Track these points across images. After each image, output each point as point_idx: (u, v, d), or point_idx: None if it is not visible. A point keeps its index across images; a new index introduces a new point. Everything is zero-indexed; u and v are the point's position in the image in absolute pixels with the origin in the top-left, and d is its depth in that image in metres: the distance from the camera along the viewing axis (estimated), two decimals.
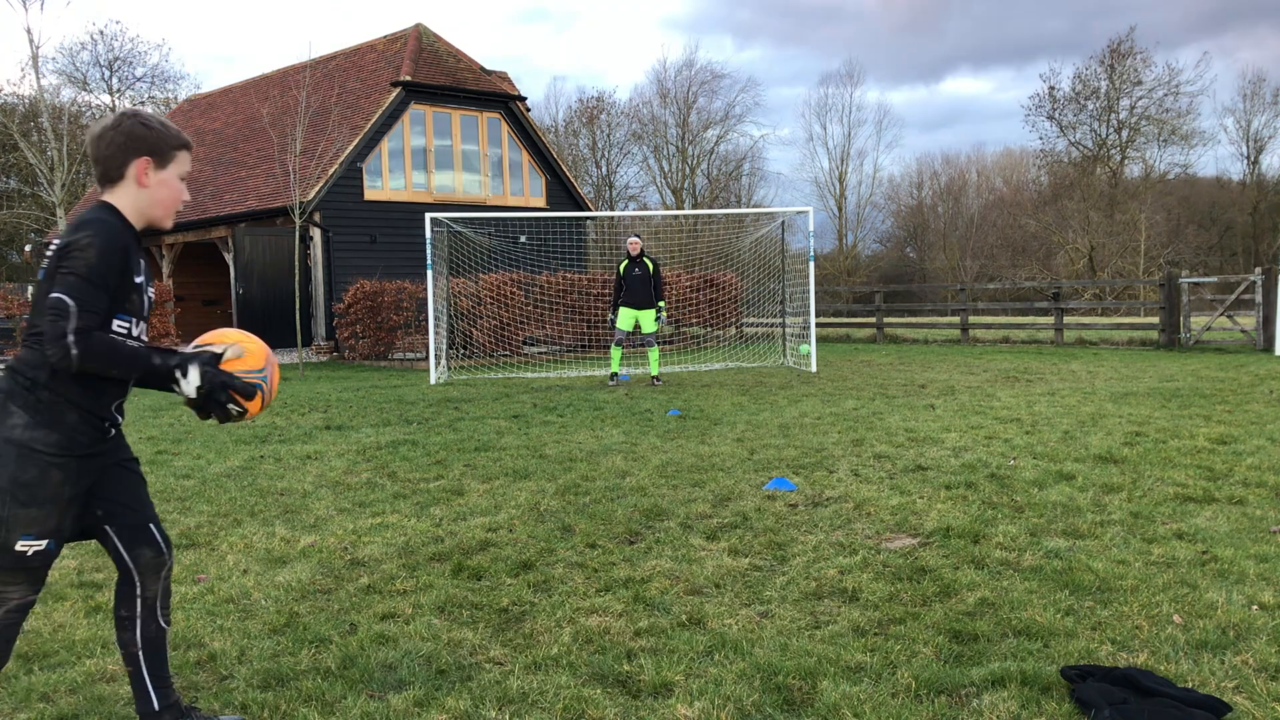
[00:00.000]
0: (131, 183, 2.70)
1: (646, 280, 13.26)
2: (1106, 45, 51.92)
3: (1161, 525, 5.13)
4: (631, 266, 13.27)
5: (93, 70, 44.18)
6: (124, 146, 2.68)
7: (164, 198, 2.75)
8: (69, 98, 42.37)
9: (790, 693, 3.20)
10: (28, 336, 2.60)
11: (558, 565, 4.68)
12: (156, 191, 2.73)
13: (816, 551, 4.81)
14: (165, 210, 2.77)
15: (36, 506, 2.59)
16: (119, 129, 2.68)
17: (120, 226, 2.65)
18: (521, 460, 7.46)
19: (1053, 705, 3.06)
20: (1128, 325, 22.19)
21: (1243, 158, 50.58)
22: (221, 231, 22.94)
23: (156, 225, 2.80)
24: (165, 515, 5.88)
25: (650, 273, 13.28)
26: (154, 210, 2.75)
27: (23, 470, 2.57)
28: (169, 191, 2.76)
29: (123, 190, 2.70)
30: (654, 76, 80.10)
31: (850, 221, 54.23)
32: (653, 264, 13.37)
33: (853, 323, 26.63)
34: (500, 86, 24.44)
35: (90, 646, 3.74)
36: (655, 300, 13.34)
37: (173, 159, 2.75)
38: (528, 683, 3.33)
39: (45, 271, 2.58)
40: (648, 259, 13.34)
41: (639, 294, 13.27)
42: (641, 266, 13.26)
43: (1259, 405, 9.75)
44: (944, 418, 9.28)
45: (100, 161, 2.69)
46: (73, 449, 2.63)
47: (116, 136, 2.68)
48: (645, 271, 13.26)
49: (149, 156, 2.70)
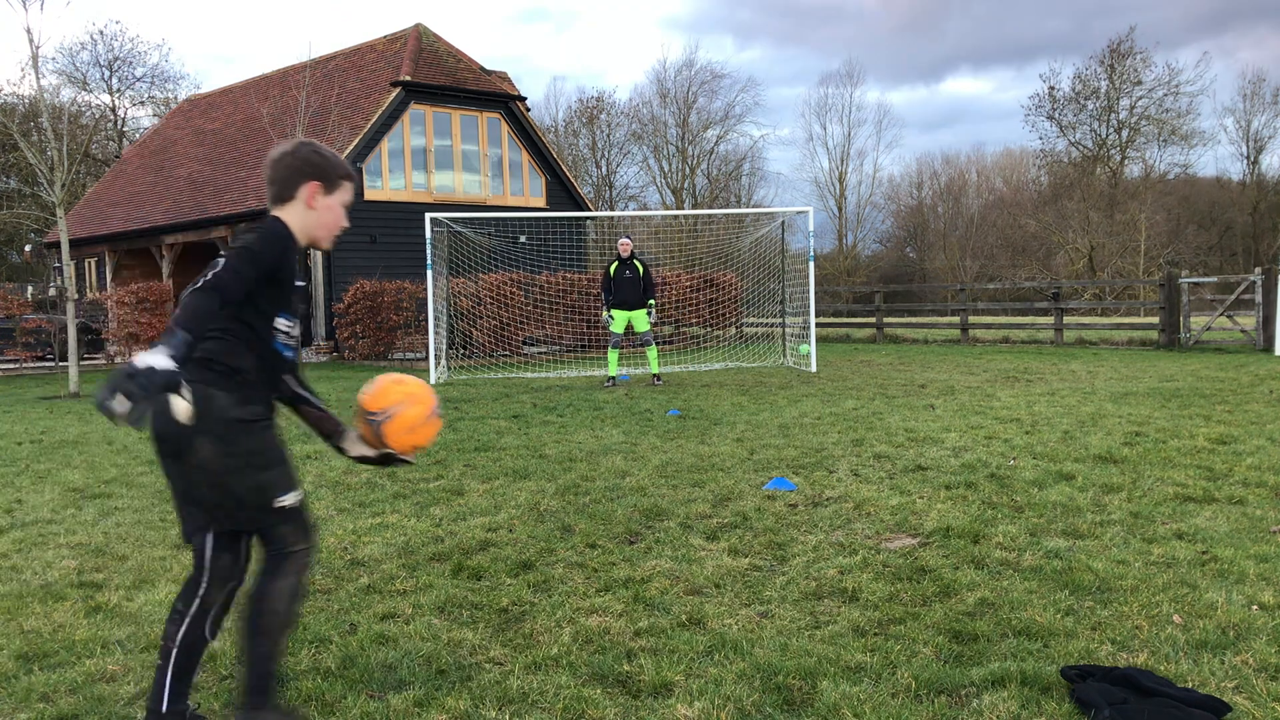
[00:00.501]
0: (301, 204, 2.92)
1: (636, 282, 13.31)
2: (1106, 45, 51.97)
3: (1161, 525, 5.13)
4: (622, 268, 13.31)
5: (93, 70, 44.23)
6: (299, 171, 2.91)
7: (328, 221, 2.97)
8: (69, 98, 42.39)
9: (790, 693, 3.20)
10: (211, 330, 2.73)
11: (558, 565, 4.68)
12: (322, 215, 2.95)
13: (816, 551, 4.81)
14: (327, 232, 2.99)
15: (276, 466, 2.88)
16: (296, 155, 2.93)
17: (285, 233, 2.86)
18: (521, 460, 7.46)
19: (1053, 705, 3.06)
20: (1128, 325, 22.19)
21: (1243, 158, 50.61)
22: (221, 231, 22.93)
23: (316, 245, 3.01)
24: (165, 515, 5.89)
25: (640, 274, 13.33)
26: (317, 231, 2.97)
27: (250, 440, 2.83)
28: (333, 216, 2.98)
29: (292, 209, 2.92)
30: (654, 76, 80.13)
31: (850, 221, 54.27)
32: (643, 265, 13.42)
33: (853, 323, 26.62)
34: (500, 86, 24.44)
35: (90, 646, 3.73)
36: (647, 299, 13.39)
37: (339, 187, 2.98)
38: (528, 683, 3.33)
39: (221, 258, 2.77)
40: (638, 261, 13.38)
41: (629, 295, 13.31)
42: (632, 268, 13.30)
43: (1259, 405, 9.75)
44: (944, 418, 9.28)
45: (275, 182, 2.92)
46: (269, 415, 2.94)
47: (293, 161, 2.92)
48: (636, 273, 13.30)
49: (319, 182, 2.93)
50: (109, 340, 19.30)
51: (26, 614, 4.14)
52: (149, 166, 29.41)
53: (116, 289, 20.78)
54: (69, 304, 13.81)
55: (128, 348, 19.12)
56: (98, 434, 9.43)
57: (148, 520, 5.79)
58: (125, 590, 4.43)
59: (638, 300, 13.33)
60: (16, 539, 5.40)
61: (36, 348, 18.31)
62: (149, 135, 33.17)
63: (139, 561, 4.89)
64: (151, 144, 31.54)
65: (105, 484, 6.91)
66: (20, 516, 5.96)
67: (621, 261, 13.32)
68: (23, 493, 6.67)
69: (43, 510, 6.11)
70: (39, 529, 5.63)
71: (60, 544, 5.27)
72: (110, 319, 19.34)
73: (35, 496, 6.54)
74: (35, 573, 4.74)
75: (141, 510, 6.06)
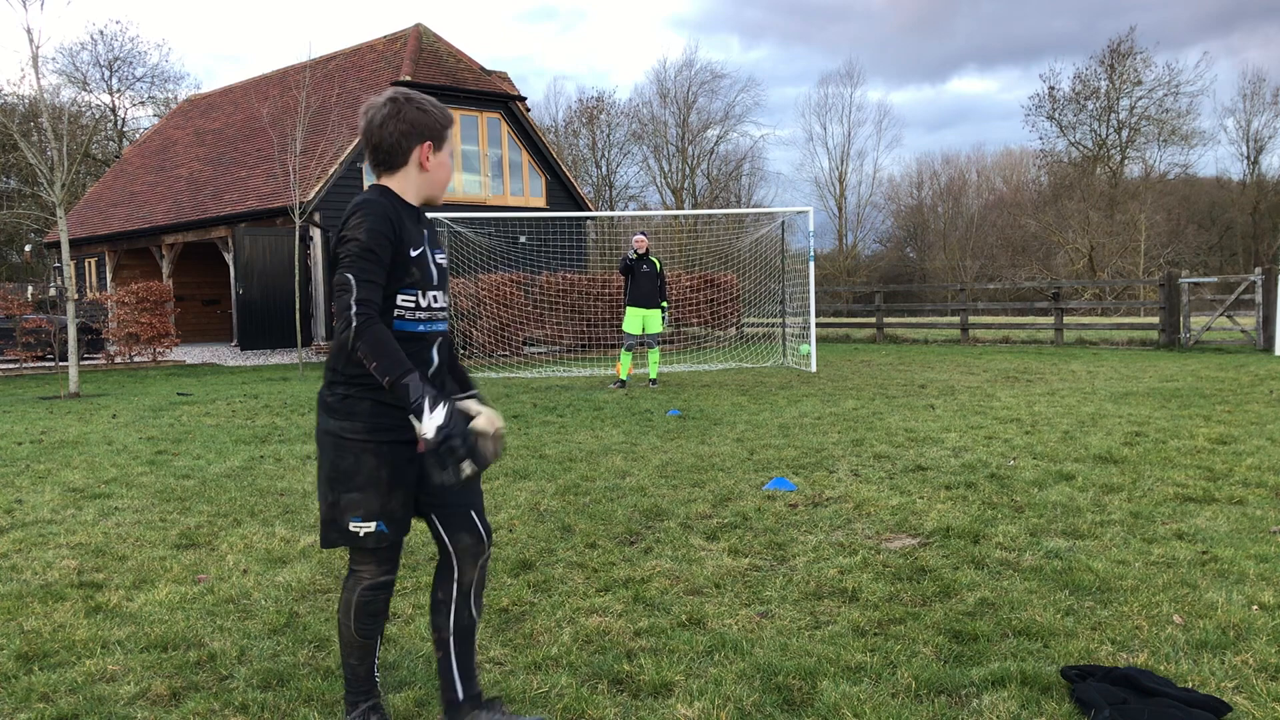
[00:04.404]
0: (414, 167, 2.75)
1: (654, 278, 13.12)
2: (1106, 45, 51.97)
3: (1161, 525, 5.13)
4: (640, 263, 13.12)
5: (93, 70, 44.23)
6: (408, 134, 2.72)
7: (441, 178, 2.82)
8: (69, 98, 42.41)
9: (790, 693, 3.20)
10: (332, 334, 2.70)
11: (558, 565, 4.68)
12: (435, 173, 2.79)
13: (816, 551, 4.81)
14: (441, 189, 2.84)
15: (357, 490, 2.72)
16: (402, 118, 2.71)
17: (389, 205, 2.67)
18: (521, 460, 7.46)
19: (1053, 705, 3.06)
20: (1128, 325, 22.19)
21: (1243, 158, 50.65)
22: (222, 231, 22.94)
23: (433, 203, 2.85)
24: (165, 515, 5.89)
25: (657, 271, 13.16)
26: (433, 190, 2.82)
27: (340, 458, 2.72)
28: (445, 172, 2.82)
29: (404, 174, 2.75)
30: (654, 76, 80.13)
31: (850, 221, 54.29)
32: (659, 263, 13.25)
33: (853, 323, 26.62)
34: (500, 87, 24.44)
35: (90, 646, 3.73)
36: (660, 300, 13.25)
37: (446, 139, 2.81)
38: (528, 683, 3.33)
39: (331, 262, 2.68)
40: (654, 258, 13.21)
41: (647, 291, 13.09)
42: (649, 264, 13.11)
43: (1259, 405, 9.75)
44: (944, 418, 9.28)
45: (383, 149, 2.72)
46: (378, 434, 2.72)
47: (401, 125, 2.71)
48: (653, 269, 13.12)
49: (430, 141, 2.75)
50: (109, 340, 19.29)
51: (26, 614, 4.13)
52: (149, 166, 29.42)
53: (116, 289, 20.79)
54: (69, 304, 13.81)
55: (128, 348, 19.12)
56: (98, 434, 9.43)
57: (148, 520, 5.79)
58: (125, 590, 4.42)
59: (653, 297, 13.13)
60: (16, 539, 5.39)
61: (36, 348, 18.30)
62: (149, 135, 33.18)
63: (139, 561, 4.89)
64: (152, 144, 31.54)
65: (105, 484, 6.91)
66: (20, 516, 5.96)
67: (639, 257, 13.13)
68: (23, 493, 6.67)
69: (43, 510, 6.11)
70: (39, 529, 5.63)
71: (60, 544, 5.27)
72: (110, 319, 19.33)
73: (35, 496, 6.54)
74: (35, 573, 4.74)
75: (141, 510, 6.06)
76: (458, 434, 2.51)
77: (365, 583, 2.86)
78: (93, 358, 19.76)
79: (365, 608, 2.86)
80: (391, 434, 2.73)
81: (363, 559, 2.85)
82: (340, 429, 2.72)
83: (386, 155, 2.73)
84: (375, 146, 2.72)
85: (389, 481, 2.74)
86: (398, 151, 2.72)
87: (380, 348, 2.52)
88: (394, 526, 2.79)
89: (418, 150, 2.74)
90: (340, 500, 2.74)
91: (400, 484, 2.77)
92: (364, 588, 2.86)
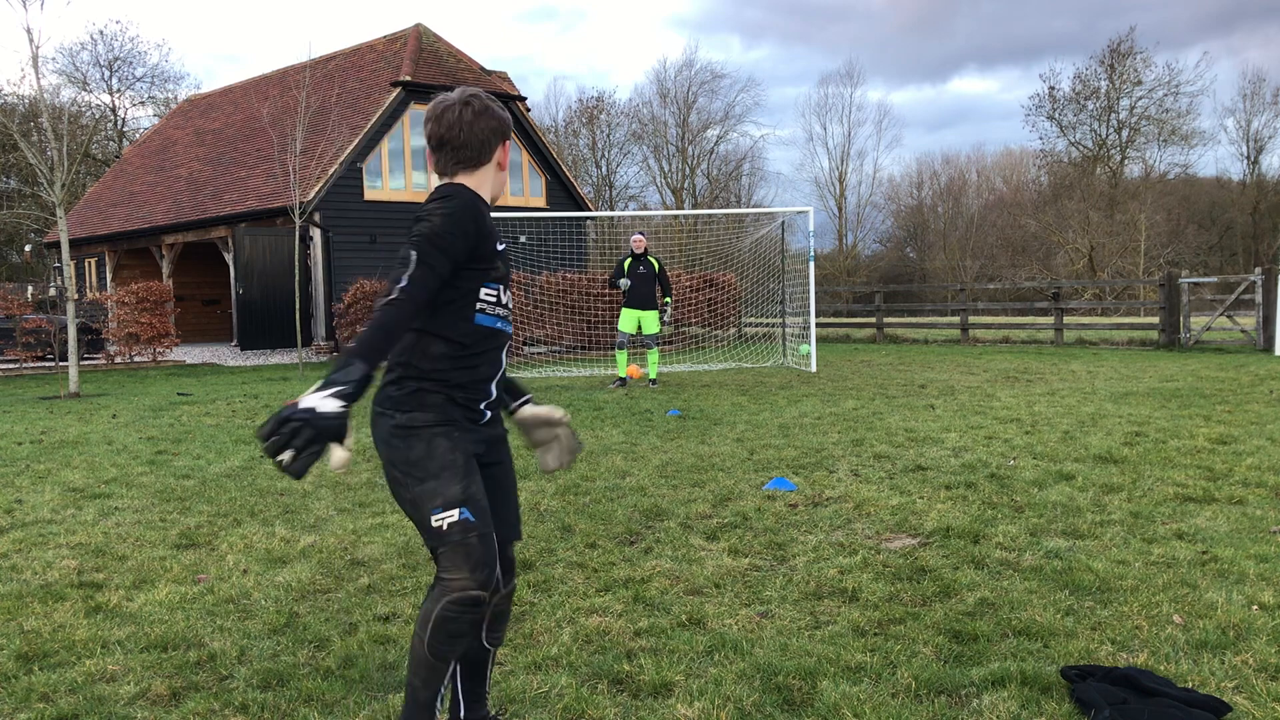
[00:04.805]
0: (494, 166, 2.72)
1: (651, 279, 12.84)
2: (1106, 45, 51.98)
3: (1161, 525, 5.13)
4: (636, 264, 12.84)
5: (93, 70, 44.23)
6: (494, 132, 2.69)
7: (505, 176, 2.79)
8: (69, 98, 42.41)
9: (790, 693, 3.20)
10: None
11: (558, 565, 4.68)
12: (505, 172, 2.79)
13: (816, 551, 4.81)
14: (504, 187, 2.81)
15: (433, 479, 2.55)
16: (490, 115, 2.67)
17: (475, 198, 2.62)
18: (521, 460, 7.46)
19: (1053, 705, 3.06)
20: (1128, 325, 22.19)
21: (1243, 158, 50.63)
22: (221, 231, 22.94)
23: (495, 202, 2.79)
24: (165, 515, 5.89)
25: (655, 271, 12.88)
26: (500, 188, 2.79)
27: (411, 449, 2.57)
28: (506, 170, 2.80)
29: (484, 172, 2.71)
30: (654, 76, 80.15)
31: (850, 221, 54.28)
32: (658, 263, 12.97)
33: (853, 323, 26.61)
34: (500, 87, 24.44)
35: (90, 646, 3.73)
36: (662, 297, 12.97)
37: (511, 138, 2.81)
38: (528, 683, 3.33)
39: None
40: (652, 258, 12.95)
41: (643, 292, 12.84)
42: (646, 265, 12.83)
43: (1259, 405, 9.75)
44: (944, 418, 9.28)
45: (470, 146, 2.66)
46: (448, 421, 2.61)
47: (490, 121, 2.67)
48: (650, 270, 12.84)
49: (507, 140, 2.76)
50: (109, 340, 19.29)
51: (26, 614, 4.13)
52: (149, 166, 29.42)
53: (116, 289, 20.79)
54: (69, 304, 13.81)
55: (128, 348, 19.12)
56: (98, 434, 9.43)
57: (148, 520, 5.79)
58: (125, 590, 4.42)
59: (650, 298, 12.86)
60: (16, 539, 5.39)
61: (36, 348, 18.30)
62: (149, 135, 33.18)
63: (139, 561, 4.89)
64: (152, 144, 31.54)
65: (105, 484, 6.91)
66: (20, 516, 5.96)
67: (635, 258, 12.85)
68: (23, 493, 6.67)
69: (43, 510, 6.11)
70: (39, 529, 5.63)
71: (60, 544, 5.27)
72: (110, 319, 19.33)
73: (35, 496, 6.54)
74: (35, 573, 4.74)
75: (141, 510, 6.06)
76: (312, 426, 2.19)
77: (452, 595, 2.54)
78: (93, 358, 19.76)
79: (445, 625, 2.55)
80: (462, 423, 2.63)
81: (453, 563, 2.55)
82: (409, 419, 2.57)
83: (474, 153, 2.67)
84: (462, 144, 2.65)
85: (465, 465, 2.58)
86: (486, 149, 2.68)
87: (387, 327, 2.37)
88: (481, 515, 2.57)
89: (500, 148, 2.72)
90: (418, 495, 2.55)
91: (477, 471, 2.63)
92: (449, 600, 2.54)
